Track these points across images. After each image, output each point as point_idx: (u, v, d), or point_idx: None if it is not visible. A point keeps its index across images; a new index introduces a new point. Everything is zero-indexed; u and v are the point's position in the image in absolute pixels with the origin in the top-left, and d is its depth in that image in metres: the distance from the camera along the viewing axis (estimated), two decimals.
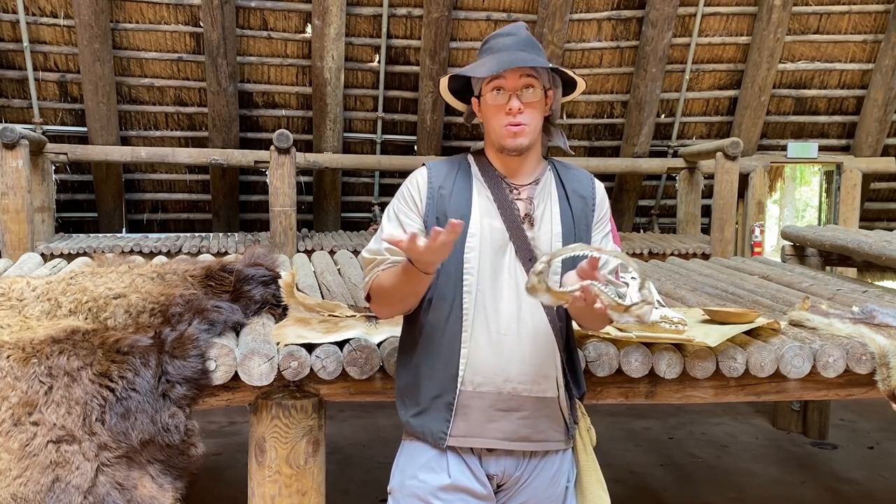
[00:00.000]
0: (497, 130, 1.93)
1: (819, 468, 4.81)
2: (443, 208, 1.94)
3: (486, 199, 1.96)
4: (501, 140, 1.93)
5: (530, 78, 1.90)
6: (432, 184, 1.97)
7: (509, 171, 1.99)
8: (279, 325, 2.45)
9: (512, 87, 1.90)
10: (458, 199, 1.95)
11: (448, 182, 1.98)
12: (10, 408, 2.00)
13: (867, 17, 8.01)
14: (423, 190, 1.97)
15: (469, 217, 1.93)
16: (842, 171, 8.23)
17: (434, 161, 2.07)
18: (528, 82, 1.91)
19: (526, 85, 1.91)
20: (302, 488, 2.29)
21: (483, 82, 1.95)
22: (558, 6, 7.43)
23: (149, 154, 7.00)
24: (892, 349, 2.46)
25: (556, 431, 1.96)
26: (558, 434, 1.96)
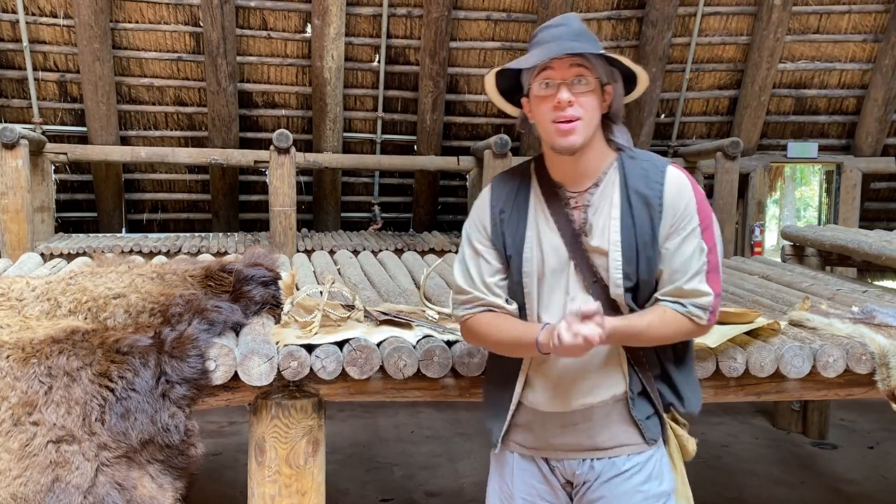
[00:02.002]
0: (547, 128, 1.79)
1: (819, 468, 4.81)
2: (504, 232, 1.90)
3: (542, 216, 1.88)
4: (552, 139, 1.79)
5: (581, 68, 1.75)
6: (494, 208, 1.93)
7: (566, 176, 1.86)
8: (279, 325, 2.45)
9: (561, 77, 1.75)
10: (515, 222, 1.90)
11: (508, 203, 1.92)
12: (10, 408, 2.00)
13: (867, 17, 8.01)
14: (487, 215, 1.94)
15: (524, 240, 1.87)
16: (842, 171, 8.23)
17: (499, 177, 1.99)
18: (579, 72, 1.75)
19: (577, 75, 1.75)
20: (302, 488, 2.29)
21: (531, 76, 1.80)
22: (558, 6, 7.43)
23: (148, 154, 7.00)
24: (892, 349, 2.46)
25: (629, 433, 1.88)
26: (632, 436, 1.88)
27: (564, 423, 1.89)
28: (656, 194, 1.80)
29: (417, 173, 8.18)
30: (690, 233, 1.80)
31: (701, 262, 1.80)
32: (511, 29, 7.84)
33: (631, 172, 1.83)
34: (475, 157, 7.31)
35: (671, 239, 1.81)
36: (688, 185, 1.82)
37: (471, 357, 2.28)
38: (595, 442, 1.88)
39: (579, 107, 1.75)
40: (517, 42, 7.87)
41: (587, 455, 1.89)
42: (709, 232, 1.82)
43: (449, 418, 5.59)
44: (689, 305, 1.80)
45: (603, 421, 1.87)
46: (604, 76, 1.79)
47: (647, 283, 1.84)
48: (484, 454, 4.89)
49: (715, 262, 1.81)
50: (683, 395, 1.92)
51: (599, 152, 1.85)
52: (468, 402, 2.46)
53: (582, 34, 1.79)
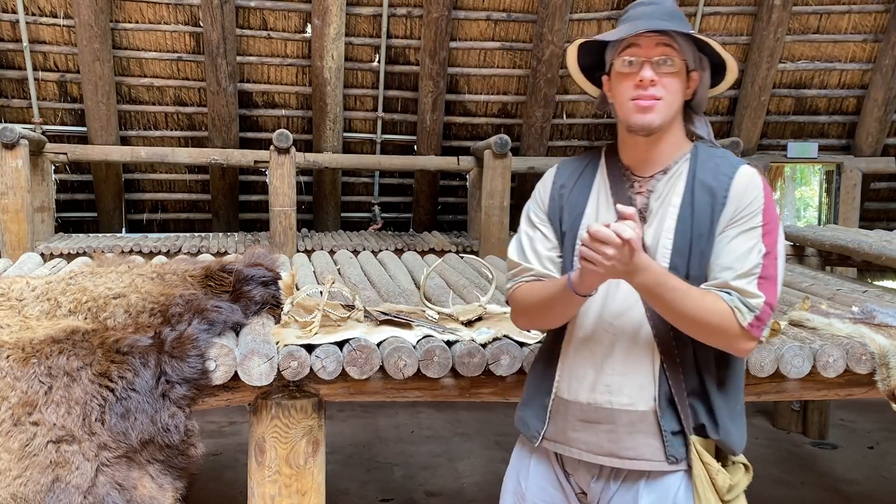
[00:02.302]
0: (624, 105, 1.72)
1: (819, 468, 4.81)
2: (561, 207, 1.87)
3: (604, 196, 1.81)
4: (628, 116, 1.72)
5: (668, 48, 1.68)
6: (556, 182, 1.92)
7: (636, 159, 1.79)
8: (279, 325, 2.45)
9: (646, 55, 1.68)
10: (576, 197, 1.86)
11: (571, 180, 1.88)
12: (10, 408, 2.00)
13: (867, 17, 8.01)
14: (547, 191, 1.93)
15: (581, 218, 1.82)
16: (842, 171, 8.23)
17: (568, 159, 1.96)
18: (665, 52, 1.68)
19: (662, 54, 1.68)
20: (302, 488, 2.29)
21: (615, 53, 1.74)
22: (558, 6, 7.43)
23: (148, 154, 7.00)
24: (892, 349, 2.46)
25: (653, 448, 1.75)
26: (655, 451, 1.74)
27: (586, 417, 1.79)
28: (723, 185, 1.70)
29: (417, 173, 8.18)
30: (750, 230, 1.68)
31: (755, 263, 1.67)
32: (511, 29, 7.84)
33: (702, 164, 1.74)
34: (475, 157, 7.30)
35: (727, 231, 1.69)
36: (759, 184, 1.71)
37: (471, 357, 2.28)
38: (615, 448, 1.77)
39: (662, 87, 1.69)
40: (517, 42, 7.87)
41: (604, 460, 1.79)
42: (772, 237, 1.69)
43: (449, 418, 5.59)
44: (737, 297, 1.65)
45: (627, 427, 1.75)
46: (691, 61, 1.72)
47: (696, 280, 1.70)
48: (484, 454, 4.91)
49: (773, 271, 1.68)
50: (719, 420, 1.75)
51: (675, 140, 1.77)
52: (468, 402, 2.46)
53: (673, 14, 1.72)
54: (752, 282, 1.66)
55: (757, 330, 1.65)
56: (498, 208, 6.72)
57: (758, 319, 1.65)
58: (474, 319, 2.58)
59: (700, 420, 1.75)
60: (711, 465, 1.73)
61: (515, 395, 2.45)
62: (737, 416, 1.81)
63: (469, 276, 3.59)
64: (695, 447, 1.73)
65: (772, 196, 1.74)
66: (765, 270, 1.67)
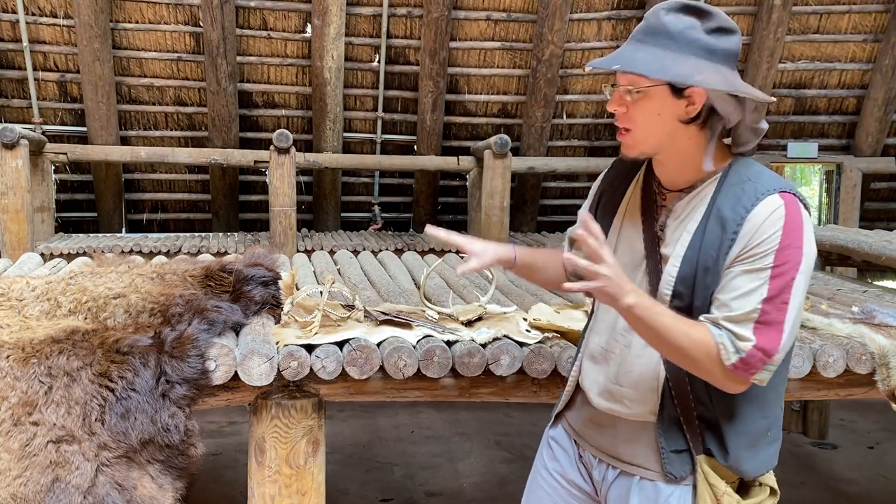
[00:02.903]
0: None
1: (819, 468, 4.81)
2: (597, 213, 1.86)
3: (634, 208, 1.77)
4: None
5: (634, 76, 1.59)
6: (600, 187, 1.92)
7: (661, 173, 1.73)
8: (279, 325, 2.45)
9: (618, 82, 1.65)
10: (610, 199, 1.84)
11: (612, 185, 1.86)
12: (9, 408, 2.00)
13: (867, 17, 8.01)
14: (595, 191, 1.95)
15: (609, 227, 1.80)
16: (842, 171, 8.23)
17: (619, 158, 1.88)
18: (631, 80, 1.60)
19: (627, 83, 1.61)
20: (302, 488, 2.29)
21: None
22: (558, 6, 7.43)
23: (148, 154, 7.00)
24: (892, 349, 2.46)
25: (650, 459, 1.76)
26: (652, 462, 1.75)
27: (595, 419, 1.86)
28: (737, 219, 1.58)
29: (417, 173, 8.18)
30: (757, 270, 1.56)
31: (752, 307, 1.55)
32: (511, 29, 7.84)
33: (727, 188, 1.62)
34: (475, 157, 7.30)
35: (734, 266, 1.58)
36: (780, 220, 1.55)
37: (471, 357, 2.28)
38: (616, 452, 1.82)
39: (628, 118, 1.65)
40: (517, 42, 7.87)
41: (608, 461, 1.84)
42: (783, 280, 1.54)
43: (449, 418, 5.59)
44: (726, 335, 1.57)
45: (628, 436, 1.78)
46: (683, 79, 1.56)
47: (701, 311, 1.65)
48: (484, 454, 4.91)
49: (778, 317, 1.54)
50: (730, 448, 1.70)
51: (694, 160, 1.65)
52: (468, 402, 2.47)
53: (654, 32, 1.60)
54: (745, 326, 1.56)
55: (742, 373, 1.57)
56: (498, 208, 6.72)
57: (743, 362, 1.56)
58: (474, 319, 2.58)
59: (708, 445, 1.72)
60: (717, 486, 1.69)
61: (515, 395, 2.46)
62: (760, 442, 1.74)
63: (469, 276, 3.59)
64: (701, 467, 1.70)
65: (798, 233, 1.56)
66: (765, 316, 1.55)
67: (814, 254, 1.60)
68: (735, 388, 1.62)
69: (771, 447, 1.78)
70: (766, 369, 1.59)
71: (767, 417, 1.75)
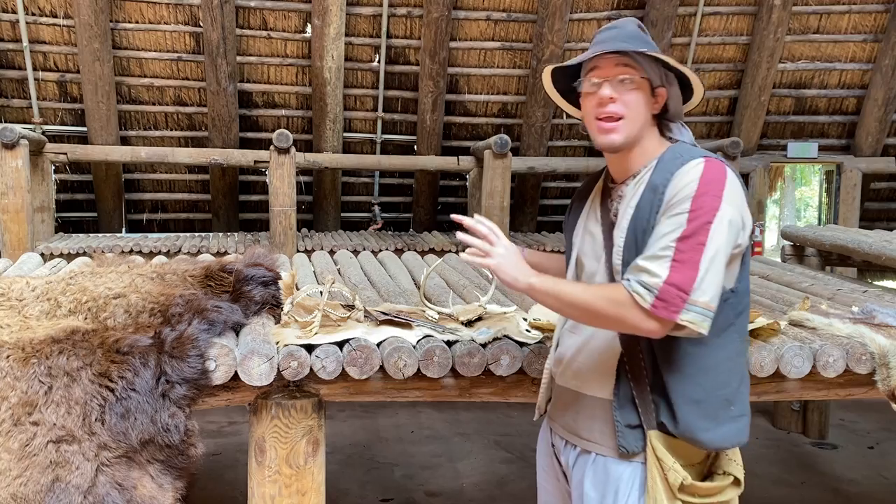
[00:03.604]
0: (591, 125, 1.83)
1: (819, 468, 4.81)
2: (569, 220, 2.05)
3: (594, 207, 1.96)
4: (595, 136, 1.82)
5: (627, 67, 1.77)
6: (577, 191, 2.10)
7: (614, 170, 1.90)
8: (279, 325, 2.45)
9: (606, 75, 1.78)
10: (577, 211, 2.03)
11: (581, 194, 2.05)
12: (10, 408, 2.00)
13: (867, 17, 8.01)
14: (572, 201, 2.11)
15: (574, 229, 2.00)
16: (842, 171, 8.23)
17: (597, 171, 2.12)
18: (624, 71, 1.77)
19: (621, 74, 1.77)
20: (302, 488, 2.29)
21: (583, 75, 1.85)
22: (558, 6, 7.43)
23: (148, 154, 7.00)
24: (892, 349, 2.46)
25: (605, 435, 1.84)
26: (607, 439, 1.84)
27: (561, 396, 1.99)
28: (664, 182, 1.74)
29: (417, 173, 8.18)
30: (674, 215, 1.68)
31: (665, 244, 1.65)
32: (511, 29, 7.84)
33: (662, 165, 1.78)
34: (475, 157, 7.30)
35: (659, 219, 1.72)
36: (697, 174, 1.69)
37: (471, 357, 2.28)
38: (577, 429, 1.92)
39: (622, 104, 1.77)
40: (517, 42, 7.88)
41: (570, 438, 1.95)
42: (698, 223, 1.65)
43: (449, 418, 5.59)
44: (634, 281, 1.66)
45: (588, 412, 1.88)
46: (655, 78, 1.79)
47: None
48: (484, 454, 4.91)
49: (693, 256, 1.63)
50: (679, 417, 1.75)
51: (645, 149, 1.83)
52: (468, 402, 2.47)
53: (635, 37, 1.81)
54: (658, 262, 1.64)
55: (664, 311, 1.63)
56: (498, 208, 6.72)
57: (661, 300, 1.62)
58: (474, 319, 2.58)
59: (661, 418, 1.78)
60: (665, 460, 1.75)
61: (515, 395, 2.46)
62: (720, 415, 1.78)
63: (469, 276, 3.59)
64: (651, 441, 1.77)
65: (716, 185, 1.68)
66: (679, 254, 1.63)
67: (738, 214, 1.69)
68: (659, 329, 1.67)
69: (736, 423, 1.80)
70: (692, 310, 1.63)
71: (725, 389, 1.78)
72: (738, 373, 1.81)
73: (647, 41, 1.82)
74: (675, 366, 1.75)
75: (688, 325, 1.65)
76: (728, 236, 1.67)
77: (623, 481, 1.82)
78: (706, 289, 1.63)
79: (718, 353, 1.76)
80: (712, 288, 1.65)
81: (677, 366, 1.75)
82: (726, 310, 1.76)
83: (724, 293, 1.73)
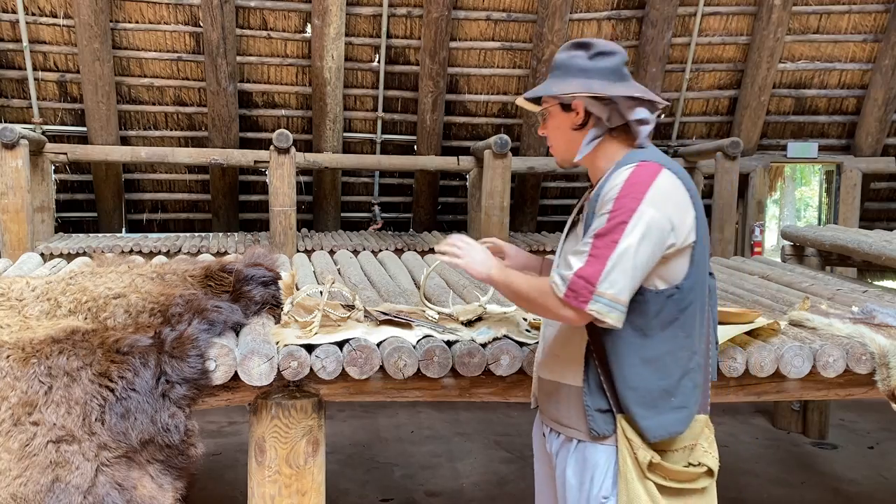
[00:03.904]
0: None
1: (819, 468, 4.81)
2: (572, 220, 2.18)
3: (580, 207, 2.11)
4: None
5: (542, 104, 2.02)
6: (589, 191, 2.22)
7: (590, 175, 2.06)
8: (279, 325, 2.45)
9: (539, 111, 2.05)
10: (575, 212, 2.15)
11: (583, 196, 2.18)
12: (10, 408, 2.00)
13: (867, 17, 8.01)
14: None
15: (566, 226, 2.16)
16: (842, 171, 8.23)
17: None
18: (542, 109, 2.02)
19: (540, 112, 2.04)
20: (302, 488, 2.29)
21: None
22: (558, 6, 7.43)
23: (148, 154, 7.00)
24: (892, 349, 2.46)
25: (579, 420, 1.93)
26: (580, 423, 1.93)
27: (544, 388, 2.07)
28: (603, 185, 1.88)
29: (417, 173, 8.18)
30: (600, 215, 1.82)
31: (587, 240, 1.81)
32: (511, 29, 7.84)
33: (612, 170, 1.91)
34: (475, 157, 7.30)
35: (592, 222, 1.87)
36: (623, 178, 1.82)
37: (471, 357, 2.28)
38: (558, 416, 2.00)
39: (548, 135, 2.03)
40: (517, 42, 7.88)
41: (553, 426, 2.03)
42: (614, 222, 1.78)
43: (449, 418, 5.59)
44: (555, 272, 1.82)
45: (565, 400, 1.97)
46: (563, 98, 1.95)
47: None
48: (484, 454, 4.91)
49: (604, 252, 1.76)
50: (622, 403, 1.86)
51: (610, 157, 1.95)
52: (468, 402, 2.47)
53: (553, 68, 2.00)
54: (577, 257, 1.80)
55: (574, 300, 1.77)
56: (498, 208, 6.72)
57: (571, 290, 1.77)
58: (474, 319, 2.58)
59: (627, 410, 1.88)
60: (634, 440, 1.86)
61: (515, 395, 2.46)
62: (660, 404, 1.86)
63: (469, 276, 3.59)
64: (620, 423, 1.87)
65: (639, 188, 1.79)
66: (595, 250, 1.78)
67: (663, 215, 1.78)
68: (575, 318, 1.80)
69: (675, 413, 1.88)
70: (599, 301, 1.76)
71: (666, 381, 1.87)
72: (680, 367, 1.88)
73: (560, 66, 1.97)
74: (618, 354, 1.86)
75: (595, 315, 1.76)
76: (645, 236, 1.76)
77: (599, 467, 1.91)
78: (613, 282, 1.75)
79: (661, 346, 1.85)
80: (621, 282, 1.75)
81: (620, 354, 1.85)
82: (670, 305, 1.85)
83: (668, 290, 1.84)
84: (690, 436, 1.90)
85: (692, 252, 1.86)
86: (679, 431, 1.88)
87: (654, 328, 1.83)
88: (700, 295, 1.90)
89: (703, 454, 1.91)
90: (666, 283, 1.84)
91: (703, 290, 1.91)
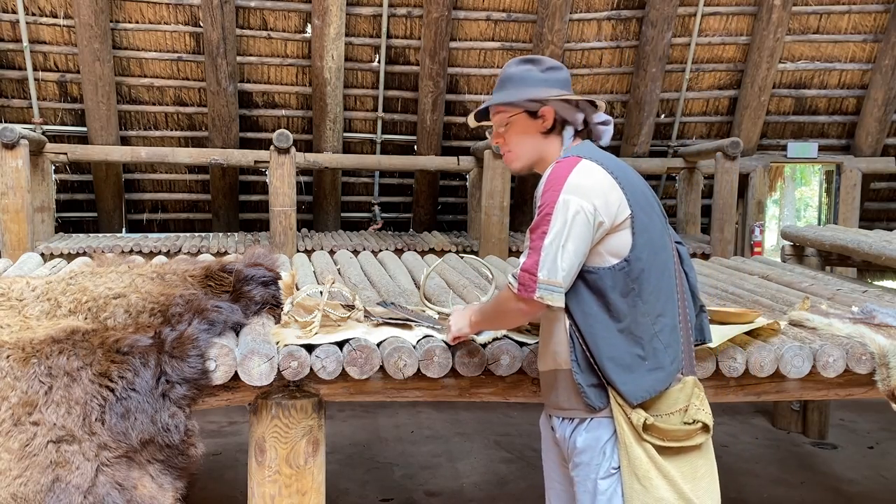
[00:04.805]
0: None
1: (819, 468, 4.81)
2: None
3: None
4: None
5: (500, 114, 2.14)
6: None
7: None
8: (279, 325, 2.45)
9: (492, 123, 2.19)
10: None
11: None
12: (10, 408, 2.00)
13: (867, 17, 8.01)
14: None
15: None
16: (842, 171, 8.23)
17: None
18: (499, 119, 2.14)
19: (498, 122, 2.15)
20: (302, 488, 2.29)
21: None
22: (558, 6, 7.43)
23: (149, 154, 7.00)
24: (892, 349, 2.46)
25: (576, 399, 2.03)
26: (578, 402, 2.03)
27: (544, 379, 2.16)
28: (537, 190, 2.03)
29: (417, 173, 8.19)
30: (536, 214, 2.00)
31: (526, 237, 1.99)
32: (511, 29, 7.84)
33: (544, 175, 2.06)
34: (475, 157, 7.30)
35: None
36: (546, 175, 2.01)
37: (471, 357, 2.29)
38: (559, 403, 2.09)
39: (507, 142, 2.14)
40: (517, 42, 7.88)
41: (558, 413, 2.10)
42: (541, 216, 1.96)
43: (449, 418, 5.59)
44: (510, 274, 1.98)
45: (563, 385, 2.06)
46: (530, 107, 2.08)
47: None
48: (484, 454, 4.91)
49: (537, 243, 1.93)
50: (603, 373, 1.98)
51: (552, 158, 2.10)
52: (468, 402, 2.47)
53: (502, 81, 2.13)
54: (523, 254, 1.98)
55: (524, 292, 1.93)
56: (498, 208, 6.72)
57: (521, 285, 1.93)
58: None
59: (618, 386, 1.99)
60: (625, 406, 1.97)
61: (515, 395, 2.46)
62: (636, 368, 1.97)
63: (469, 276, 3.59)
64: (612, 394, 1.98)
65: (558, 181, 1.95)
66: (531, 243, 1.95)
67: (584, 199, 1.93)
68: (528, 308, 1.96)
69: (652, 374, 1.98)
70: (542, 287, 1.91)
71: (637, 346, 1.99)
72: (646, 332, 1.99)
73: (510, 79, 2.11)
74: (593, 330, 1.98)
75: (542, 301, 1.92)
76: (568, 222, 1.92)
77: (602, 440, 2.00)
78: (550, 268, 1.91)
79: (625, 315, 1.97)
80: (555, 266, 1.91)
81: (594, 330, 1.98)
82: (622, 277, 1.96)
83: (619, 263, 1.96)
84: (683, 398, 1.99)
85: (631, 225, 1.97)
86: (658, 390, 1.97)
87: (615, 300, 1.96)
88: (654, 262, 1.99)
89: (697, 411, 2.00)
90: (616, 258, 1.96)
91: (657, 257, 2.01)
